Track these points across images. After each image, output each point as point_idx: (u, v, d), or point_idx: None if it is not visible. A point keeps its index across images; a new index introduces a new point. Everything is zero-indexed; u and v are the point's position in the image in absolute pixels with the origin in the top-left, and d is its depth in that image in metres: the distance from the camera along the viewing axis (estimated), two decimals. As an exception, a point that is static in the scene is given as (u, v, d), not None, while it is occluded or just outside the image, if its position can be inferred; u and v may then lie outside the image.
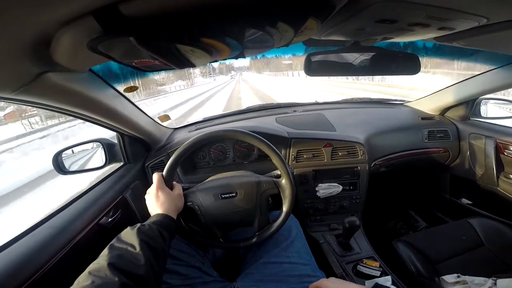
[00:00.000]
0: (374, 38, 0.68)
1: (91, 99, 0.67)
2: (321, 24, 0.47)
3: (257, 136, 0.73)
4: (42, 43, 0.36)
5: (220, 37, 0.38)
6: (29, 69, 0.43)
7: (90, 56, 0.40)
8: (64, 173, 0.94)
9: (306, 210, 1.18)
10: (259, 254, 0.77)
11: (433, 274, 0.89)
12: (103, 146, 1.00)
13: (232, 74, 42.18)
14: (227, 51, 0.45)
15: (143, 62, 0.43)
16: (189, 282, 0.68)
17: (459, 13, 0.47)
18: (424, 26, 0.55)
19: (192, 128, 1.33)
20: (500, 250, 0.96)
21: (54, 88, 0.53)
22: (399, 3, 0.44)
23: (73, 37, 0.35)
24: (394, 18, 0.50)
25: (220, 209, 0.73)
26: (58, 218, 0.72)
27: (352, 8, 0.46)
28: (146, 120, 1.05)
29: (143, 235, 0.53)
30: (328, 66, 0.80)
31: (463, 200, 1.42)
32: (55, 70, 0.48)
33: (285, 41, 0.49)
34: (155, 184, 0.69)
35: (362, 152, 1.12)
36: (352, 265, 0.96)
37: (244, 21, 0.36)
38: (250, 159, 1.16)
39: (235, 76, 41.23)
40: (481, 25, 0.52)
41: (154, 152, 1.11)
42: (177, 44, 0.36)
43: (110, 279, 0.42)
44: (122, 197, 0.93)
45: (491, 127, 1.25)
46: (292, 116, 1.38)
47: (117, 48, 0.37)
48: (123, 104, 0.85)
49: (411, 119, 1.38)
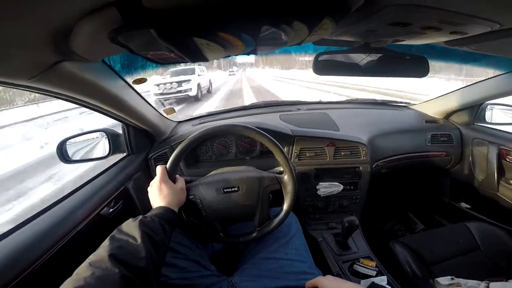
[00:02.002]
0: (385, 40, 0.68)
1: (102, 89, 0.68)
2: (336, 25, 0.47)
3: (261, 132, 0.73)
4: (63, 32, 0.37)
5: (237, 32, 0.39)
6: (47, 57, 0.44)
7: (106, 46, 0.41)
8: (68, 162, 0.94)
9: (306, 208, 1.19)
10: (258, 249, 0.77)
11: (428, 276, 0.90)
12: (107, 136, 1.00)
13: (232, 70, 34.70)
14: (241, 46, 0.45)
15: (158, 54, 0.43)
16: (187, 276, 0.68)
17: (472, 18, 0.47)
18: (436, 30, 0.55)
19: (196, 122, 1.34)
20: (495, 254, 0.97)
21: (68, 77, 0.53)
22: (414, 6, 0.44)
23: (94, 27, 0.36)
24: (407, 21, 0.50)
25: (222, 203, 0.73)
26: (60, 207, 0.72)
27: (366, 9, 0.46)
28: (152, 112, 1.05)
29: (145, 227, 0.53)
30: (336, 66, 0.80)
31: (462, 204, 1.43)
32: (70, 60, 0.49)
33: (299, 39, 0.49)
34: (158, 177, 0.69)
35: (365, 152, 1.13)
36: (349, 264, 0.97)
37: (262, 18, 0.36)
38: (252, 155, 1.17)
39: (236, 73, 32.70)
40: (494, 30, 0.53)
41: (157, 144, 1.12)
42: (194, 38, 0.37)
43: (110, 271, 0.42)
44: (124, 188, 0.93)
45: (495, 133, 1.25)
46: (296, 114, 1.38)
47: (135, 39, 0.38)
48: (131, 95, 0.85)
49: (415, 122, 1.38)
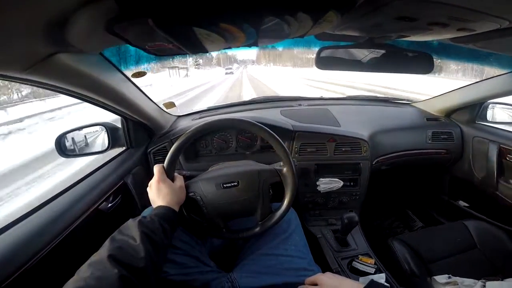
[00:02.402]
0: (389, 35, 0.67)
1: (100, 82, 0.67)
2: (341, 17, 0.46)
3: (261, 126, 0.73)
4: (58, 22, 0.36)
5: (239, 23, 0.37)
6: (41, 48, 0.43)
7: (103, 38, 0.39)
8: (67, 156, 0.93)
9: (306, 204, 1.19)
10: (257, 245, 0.77)
11: (426, 274, 0.91)
12: (106, 130, 0.99)
13: (230, 67, 33.00)
14: (243, 38, 0.44)
15: (157, 45, 0.42)
16: (186, 271, 0.68)
17: (482, 15, 0.46)
18: (443, 26, 0.54)
19: (196, 116, 1.33)
20: (491, 253, 0.97)
21: (63, 69, 0.52)
22: (422, 1, 0.42)
23: (90, 18, 0.35)
24: (414, 16, 0.49)
25: (222, 198, 0.72)
26: (58, 202, 0.72)
27: (373, 3, 0.45)
28: (151, 106, 1.04)
29: (144, 228, 0.53)
30: (340, 61, 0.79)
31: (461, 202, 1.44)
32: (66, 51, 0.47)
33: (302, 31, 0.48)
34: (156, 177, 0.68)
35: (366, 149, 1.12)
36: (348, 261, 0.97)
37: (267, 7, 0.35)
38: (252, 149, 1.16)
39: (234, 71, 28.12)
40: (502, 28, 0.51)
41: (156, 138, 1.11)
42: (194, 28, 0.35)
43: (109, 271, 0.42)
44: (123, 182, 0.93)
45: (495, 132, 1.25)
46: (297, 110, 1.37)
47: (133, 30, 0.37)
48: (130, 88, 0.84)
49: (416, 119, 1.38)
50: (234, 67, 34.01)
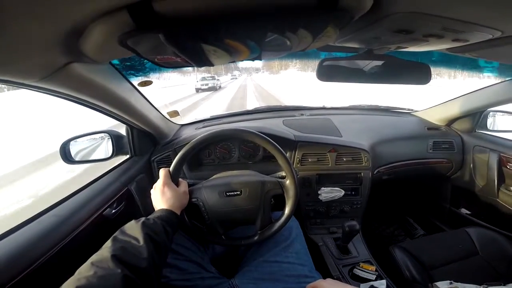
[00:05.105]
0: (388, 47, 0.69)
1: (108, 91, 0.69)
2: (339, 32, 0.48)
3: (264, 137, 0.74)
4: (74, 33, 0.38)
5: (243, 39, 0.40)
6: (57, 58, 0.45)
7: (114, 49, 0.41)
8: (71, 163, 0.94)
9: (307, 213, 1.19)
10: (259, 252, 0.78)
11: (427, 280, 0.90)
12: (111, 138, 1.00)
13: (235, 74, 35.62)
14: (247, 53, 0.46)
15: (165, 59, 0.44)
16: (188, 277, 0.69)
17: (474, 26, 0.48)
18: (439, 37, 0.56)
19: (199, 125, 1.34)
20: (493, 259, 0.97)
21: (77, 79, 0.54)
22: (418, 14, 0.45)
23: (105, 30, 0.36)
24: (411, 28, 0.51)
25: (224, 206, 0.74)
26: (63, 207, 0.73)
27: (370, 17, 0.47)
28: (156, 114, 1.06)
29: (147, 229, 0.54)
30: (340, 73, 0.80)
31: (462, 210, 1.43)
32: (79, 61, 0.50)
33: (303, 46, 0.50)
34: (161, 180, 0.69)
35: (366, 159, 1.13)
36: (349, 268, 0.97)
37: (269, 26, 0.37)
38: (255, 159, 1.17)
39: (237, 76, 30.93)
40: (495, 38, 0.53)
41: (160, 146, 1.13)
42: (202, 43, 0.38)
43: (112, 271, 0.42)
44: (127, 190, 0.94)
45: (496, 140, 1.26)
46: (299, 120, 1.39)
47: (144, 43, 0.39)
48: (136, 97, 0.86)
49: (417, 129, 1.39)
50: (237, 74, 37.28)
